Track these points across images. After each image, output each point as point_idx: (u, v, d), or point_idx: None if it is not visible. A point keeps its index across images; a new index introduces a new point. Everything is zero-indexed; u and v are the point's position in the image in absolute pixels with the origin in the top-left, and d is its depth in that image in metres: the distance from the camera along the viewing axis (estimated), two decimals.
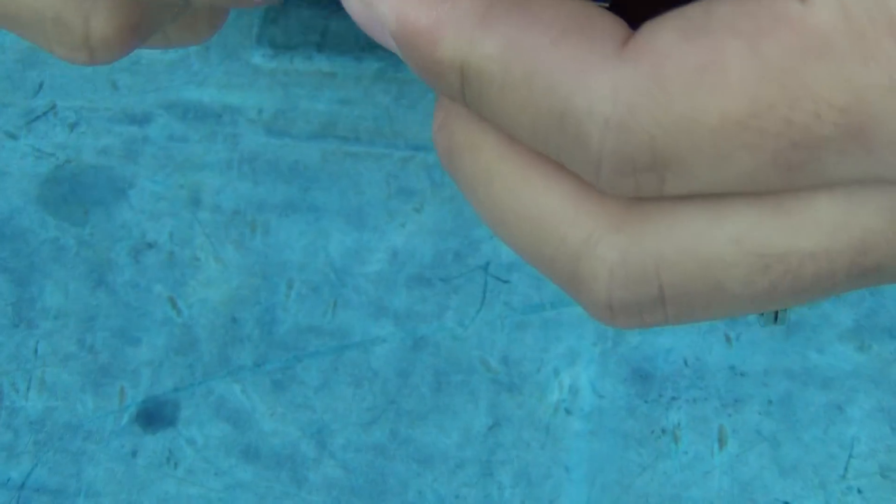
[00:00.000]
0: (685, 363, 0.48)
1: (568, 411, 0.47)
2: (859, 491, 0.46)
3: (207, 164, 0.50)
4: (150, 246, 0.49)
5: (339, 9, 0.47)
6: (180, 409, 0.49)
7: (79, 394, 0.49)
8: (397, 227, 0.49)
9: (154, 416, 0.49)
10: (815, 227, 0.29)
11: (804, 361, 0.47)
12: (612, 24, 0.29)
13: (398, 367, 0.48)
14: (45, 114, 0.51)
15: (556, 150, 0.30)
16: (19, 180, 0.51)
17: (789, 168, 0.28)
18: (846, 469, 0.46)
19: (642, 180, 0.28)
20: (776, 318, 0.34)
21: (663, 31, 0.28)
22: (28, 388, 0.49)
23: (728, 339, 0.48)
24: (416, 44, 0.30)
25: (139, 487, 0.48)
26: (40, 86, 0.52)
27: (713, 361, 0.48)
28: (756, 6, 0.27)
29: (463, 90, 0.31)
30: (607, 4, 0.32)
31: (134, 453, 0.48)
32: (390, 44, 0.32)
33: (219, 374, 0.49)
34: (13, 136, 0.51)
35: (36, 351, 0.49)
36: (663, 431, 0.47)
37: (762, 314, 0.34)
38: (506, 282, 0.48)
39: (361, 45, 0.50)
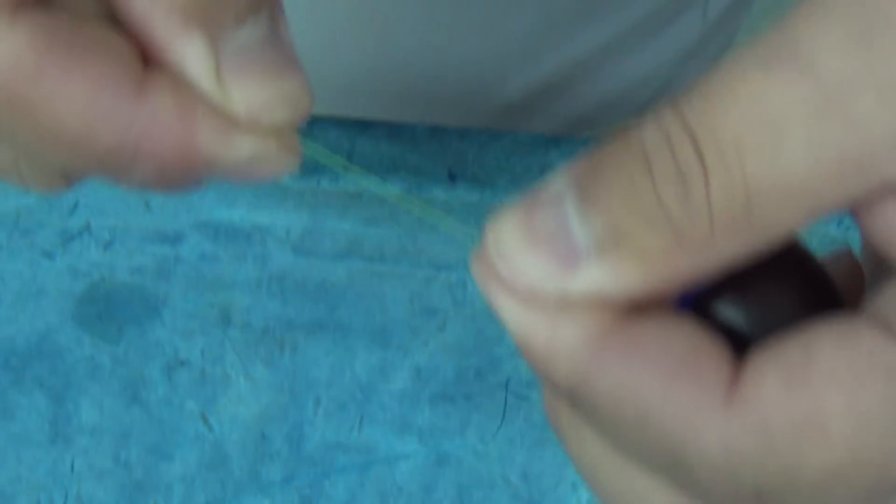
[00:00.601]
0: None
1: None
2: None
3: (237, 282, 0.51)
4: (183, 363, 0.51)
5: (364, 131, 0.48)
6: None
7: None
8: (421, 346, 0.50)
9: None
10: None
11: None
12: (718, 361, 0.30)
13: (422, 483, 0.50)
14: (79, 233, 0.53)
15: (661, 472, 0.31)
16: (56, 299, 0.52)
17: (883, 498, 0.30)
18: None
19: None
20: None
21: (767, 379, 0.29)
22: (65, 503, 0.50)
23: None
24: (532, 356, 0.31)
25: None
26: (75, 205, 0.53)
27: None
28: (853, 352, 0.29)
29: (573, 403, 0.31)
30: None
31: None
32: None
33: (249, 490, 0.50)
34: (49, 256, 0.52)
35: (72, 467, 0.50)
36: None
37: None
38: (525, 398, 0.50)
39: (386, 165, 0.51)
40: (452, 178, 0.51)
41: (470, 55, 0.69)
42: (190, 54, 0.32)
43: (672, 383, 0.29)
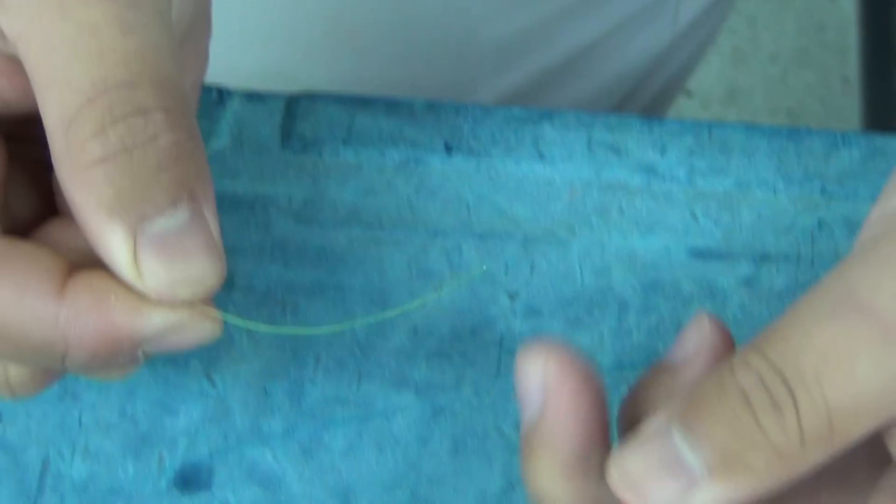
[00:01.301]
0: None
1: None
2: None
3: (241, 249, 0.53)
4: None
5: (363, 106, 0.51)
6: (215, 474, 0.52)
7: (120, 460, 0.52)
8: (417, 307, 0.53)
9: (191, 480, 0.52)
10: None
11: None
12: None
13: (418, 434, 0.52)
14: None
15: None
16: None
17: None
18: None
19: None
20: None
21: None
22: (73, 456, 0.52)
23: None
24: None
25: None
26: None
27: None
28: None
29: None
30: None
31: None
32: None
33: (251, 442, 0.52)
34: None
35: (80, 421, 0.52)
36: None
37: None
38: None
39: (384, 139, 0.54)
40: (448, 149, 0.54)
41: (441, 65, 0.73)
42: (111, 242, 0.38)
43: None
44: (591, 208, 0.53)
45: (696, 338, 0.41)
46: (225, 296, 0.53)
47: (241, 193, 0.54)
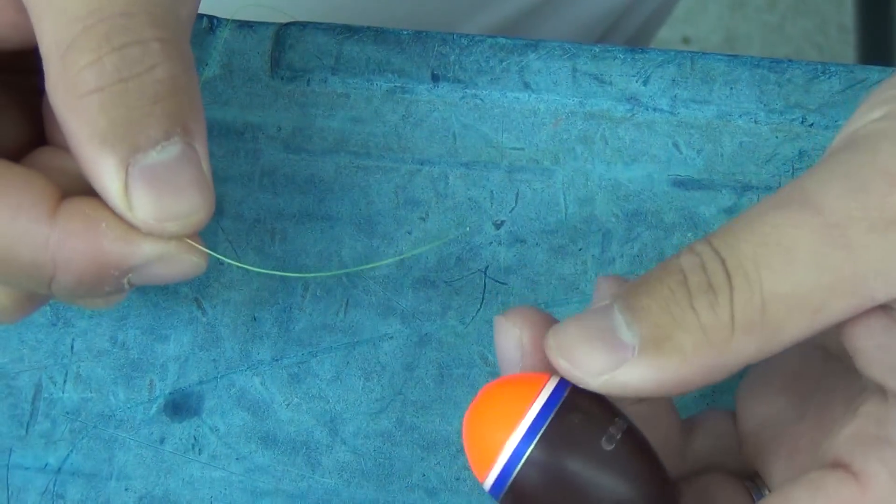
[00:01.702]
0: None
1: None
2: None
3: (230, 176, 0.54)
4: None
5: (351, 35, 0.52)
6: (204, 400, 0.53)
7: (111, 386, 0.53)
8: (404, 235, 0.53)
9: (180, 406, 0.53)
10: None
11: None
12: None
13: (404, 362, 0.52)
14: None
15: None
16: None
17: None
18: None
19: None
20: None
21: None
22: (65, 381, 0.53)
23: None
24: None
25: (166, 471, 0.52)
26: None
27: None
28: (825, 498, 0.37)
29: None
30: None
31: (162, 440, 0.52)
32: None
33: (240, 368, 0.53)
34: None
35: (72, 347, 0.53)
36: None
37: None
38: (503, 283, 0.53)
39: (372, 68, 0.54)
40: (435, 79, 0.54)
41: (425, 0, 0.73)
42: (103, 171, 0.38)
43: None
44: (575, 137, 0.54)
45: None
46: (215, 223, 0.53)
47: (230, 122, 0.54)
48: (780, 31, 1.85)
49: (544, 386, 0.40)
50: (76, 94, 0.37)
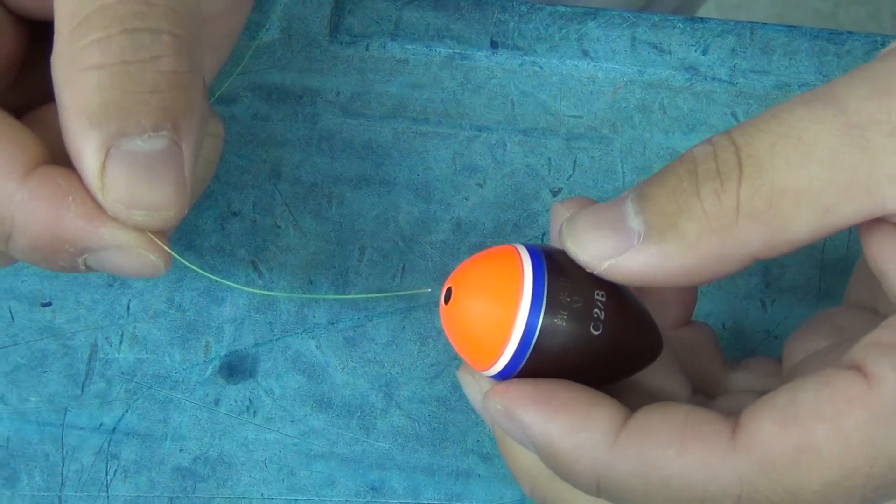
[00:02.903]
0: (724, 326, 0.53)
1: None
2: None
3: (288, 140, 0.54)
4: (235, 214, 0.53)
5: (411, 1, 0.52)
6: (260, 363, 0.53)
7: (167, 348, 0.53)
8: (462, 200, 0.53)
9: (236, 368, 0.53)
10: None
11: None
12: (716, 423, 0.38)
13: None
14: None
15: None
16: None
17: (870, 501, 0.37)
18: None
19: None
20: None
21: (763, 421, 0.36)
22: (121, 342, 0.53)
23: (763, 305, 0.53)
24: (556, 458, 0.39)
25: (221, 433, 0.52)
26: None
27: (749, 325, 0.53)
28: (831, 391, 0.36)
29: (599, 493, 0.39)
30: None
31: (217, 402, 0.53)
32: (528, 445, 0.40)
33: (296, 331, 0.53)
34: None
35: (128, 308, 0.53)
36: None
37: None
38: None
39: (431, 34, 0.54)
40: (494, 45, 0.54)
41: None
42: (84, 147, 0.38)
43: (683, 448, 0.37)
44: (633, 106, 0.54)
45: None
46: (272, 186, 0.53)
47: (289, 86, 0.54)
48: (833, 18, 1.85)
49: (520, 254, 0.40)
50: (77, 66, 0.37)
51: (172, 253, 0.41)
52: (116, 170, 0.38)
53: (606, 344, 0.39)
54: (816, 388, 0.37)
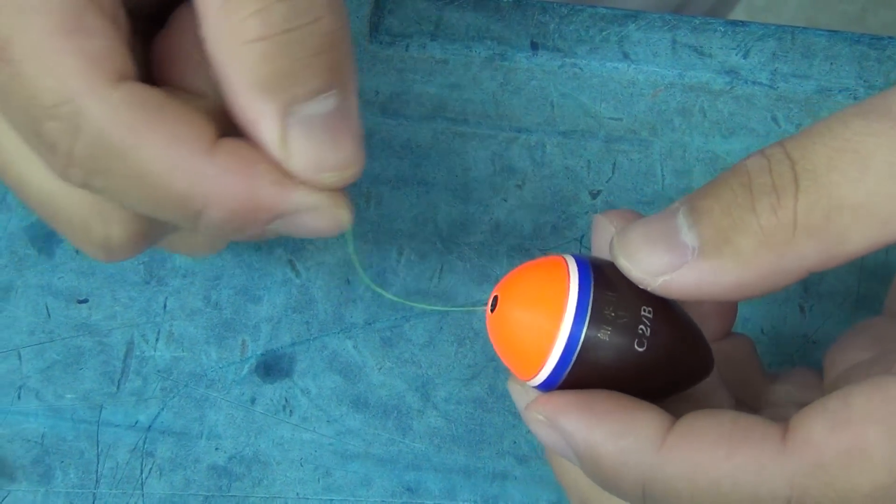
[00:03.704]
0: (762, 332, 0.53)
1: None
2: None
3: None
4: None
5: (451, 1, 0.52)
6: (296, 362, 0.53)
7: (203, 346, 0.53)
8: (500, 202, 0.53)
9: (272, 367, 0.53)
10: None
11: None
12: (765, 427, 0.37)
13: None
14: None
15: None
16: None
17: None
18: None
19: None
20: None
21: (814, 424, 0.36)
22: (157, 340, 0.53)
23: (802, 310, 0.53)
24: (600, 466, 0.39)
25: (256, 432, 0.52)
26: None
27: (788, 330, 0.53)
28: (883, 395, 0.36)
29: (644, 500, 0.38)
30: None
31: (253, 401, 0.52)
32: (570, 456, 0.40)
33: (332, 331, 0.53)
34: None
35: (165, 306, 0.53)
36: None
37: None
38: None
39: (471, 34, 0.54)
40: (534, 47, 0.54)
41: None
42: (262, 118, 0.38)
43: (731, 451, 0.37)
44: (673, 109, 0.54)
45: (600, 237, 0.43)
46: None
47: None
48: (861, 21, 1.85)
49: (568, 267, 0.40)
50: (239, 40, 0.37)
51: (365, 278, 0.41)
52: (298, 136, 0.38)
53: (651, 361, 0.39)
54: (868, 392, 0.36)
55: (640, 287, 0.38)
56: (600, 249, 0.42)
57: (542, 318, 0.39)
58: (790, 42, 0.54)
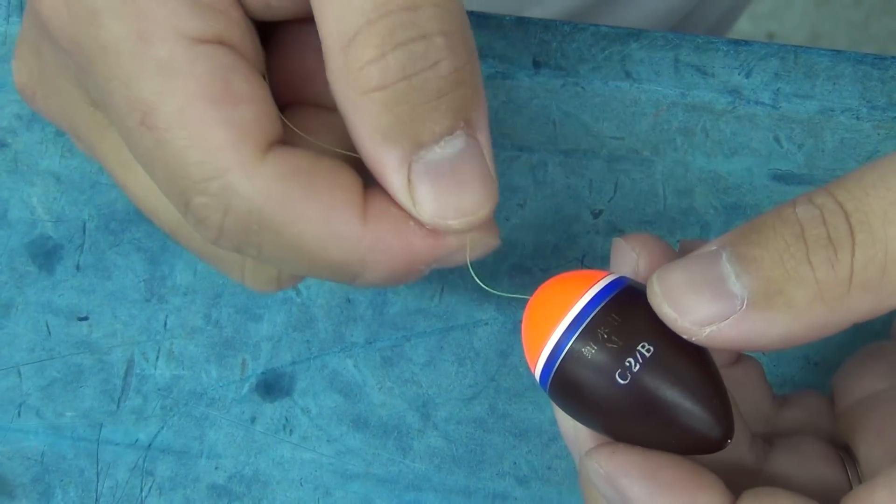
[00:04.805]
0: (762, 353, 0.52)
1: None
2: None
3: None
4: None
5: None
6: (297, 381, 0.53)
7: (204, 364, 0.53)
8: (502, 221, 0.53)
9: (272, 386, 0.53)
10: None
11: None
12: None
13: (498, 348, 0.52)
14: None
15: None
16: None
17: None
18: None
19: None
20: None
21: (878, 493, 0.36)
22: (157, 358, 0.53)
23: None
24: None
25: (257, 451, 0.52)
26: None
27: (789, 352, 0.52)
28: None
29: None
30: None
31: (253, 420, 0.52)
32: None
33: (333, 350, 0.53)
34: None
35: (165, 324, 0.53)
36: None
37: None
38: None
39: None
40: (537, 65, 0.54)
41: None
42: (386, 167, 0.38)
43: None
44: (675, 128, 0.53)
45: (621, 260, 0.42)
46: None
47: None
48: (865, 29, 1.85)
49: (598, 281, 0.39)
50: (359, 90, 0.37)
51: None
52: (422, 184, 0.38)
53: (633, 399, 0.38)
54: None
55: (684, 337, 0.37)
56: (618, 273, 0.41)
57: (545, 319, 0.39)
58: (793, 62, 0.53)
